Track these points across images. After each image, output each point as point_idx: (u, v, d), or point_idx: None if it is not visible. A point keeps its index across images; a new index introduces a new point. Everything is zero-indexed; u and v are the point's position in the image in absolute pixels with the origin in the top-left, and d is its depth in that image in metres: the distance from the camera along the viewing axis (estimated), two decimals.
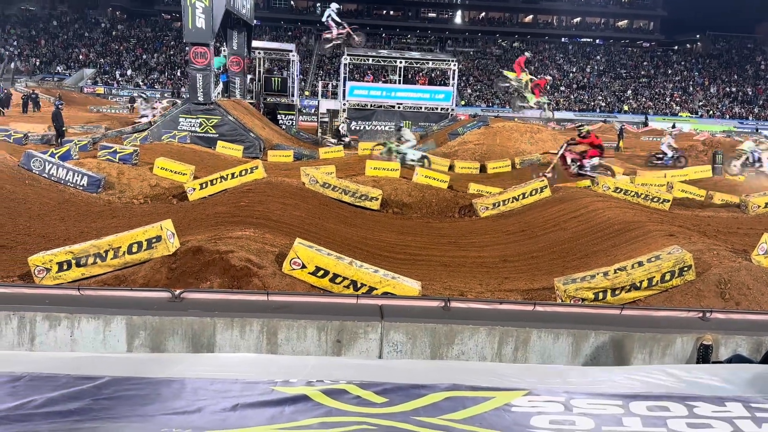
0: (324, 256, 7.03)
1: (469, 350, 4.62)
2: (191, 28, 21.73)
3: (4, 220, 10.35)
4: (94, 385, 2.43)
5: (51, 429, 1.98)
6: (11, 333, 4.49)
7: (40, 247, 8.11)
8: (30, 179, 12.92)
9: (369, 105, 30.06)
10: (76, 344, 4.45)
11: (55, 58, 56.58)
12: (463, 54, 61.81)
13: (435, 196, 14.62)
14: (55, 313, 4.50)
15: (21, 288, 5.27)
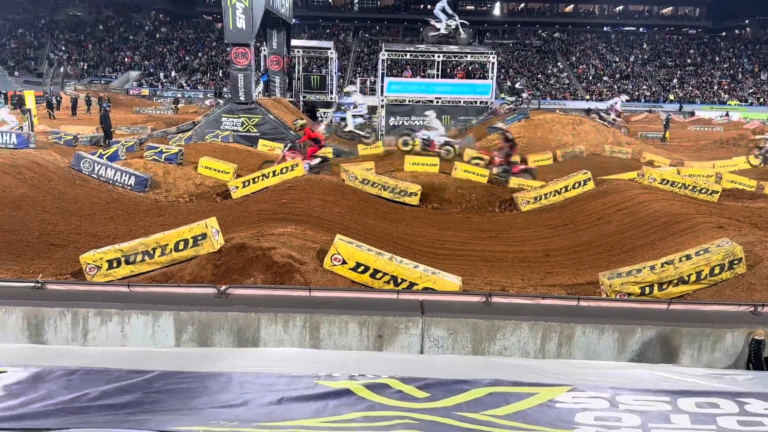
0: (364, 252, 7.07)
1: (511, 346, 4.59)
2: (232, 29, 22.08)
3: (56, 220, 10.75)
4: (145, 378, 2.52)
5: (105, 421, 2.05)
6: (66, 328, 4.67)
7: (91, 245, 8.39)
8: (80, 180, 13.38)
9: (407, 100, 29.97)
10: (126, 339, 4.61)
11: (101, 61, 58.33)
12: (502, 46, 60.99)
13: (475, 191, 14.51)
14: (107, 309, 4.66)
15: (74, 285, 5.47)
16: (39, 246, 9.25)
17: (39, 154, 13.87)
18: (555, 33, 66.72)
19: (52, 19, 62.37)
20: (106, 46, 60.70)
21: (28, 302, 4.74)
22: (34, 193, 11.78)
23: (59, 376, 2.55)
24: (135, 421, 2.03)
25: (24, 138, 14.63)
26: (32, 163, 13.02)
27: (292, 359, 3.15)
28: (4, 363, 2.70)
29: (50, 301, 4.75)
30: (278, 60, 29.37)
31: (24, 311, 4.69)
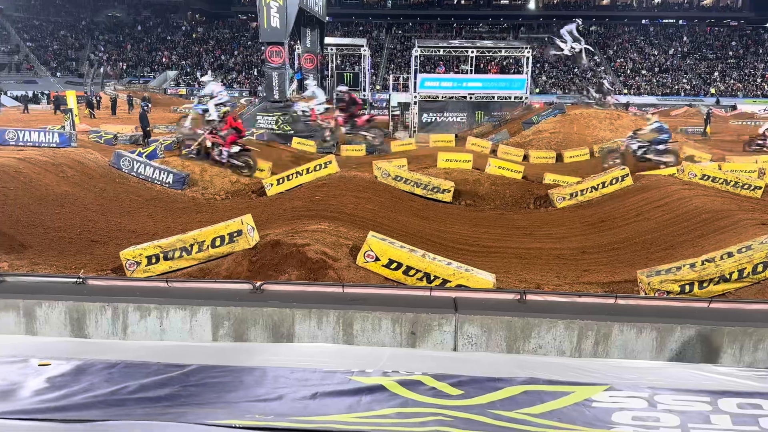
0: (397, 249, 7.06)
1: (546, 344, 4.53)
2: (266, 28, 22.32)
3: (97, 217, 11.05)
4: (183, 372, 2.57)
5: (143, 413, 2.10)
6: (106, 323, 4.79)
7: (131, 242, 8.60)
8: (120, 178, 13.71)
9: (440, 96, 29.85)
10: (165, 333, 4.70)
11: (140, 61, 59.64)
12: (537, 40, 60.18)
13: (509, 187, 14.37)
14: (146, 304, 4.76)
15: (114, 280, 5.61)
16: (81, 242, 9.52)
17: (80, 153, 14.27)
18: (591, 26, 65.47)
19: (92, 21, 64.03)
20: (145, 47, 62.03)
21: (71, 297, 4.88)
22: (75, 191, 12.12)
23: (100, 369, 2.63)
24: (172, 414, 2.07)
25: (66, 137, 15.06)
26: (74, 162, 13.40)
27: (326, 355, 3.17)
28: (47, 356, 2.79)
29: (91, 296, 4.88)
30: (312, 58, 29.59)
31: (66, 306, 4.83)
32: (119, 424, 2.00)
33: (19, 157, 12.41)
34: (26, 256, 8.37)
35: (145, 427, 1.98)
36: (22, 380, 2.47)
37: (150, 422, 2.00)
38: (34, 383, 2.44)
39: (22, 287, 5.09)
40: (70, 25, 62.93)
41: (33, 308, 4.85)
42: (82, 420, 2.03)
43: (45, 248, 8.93)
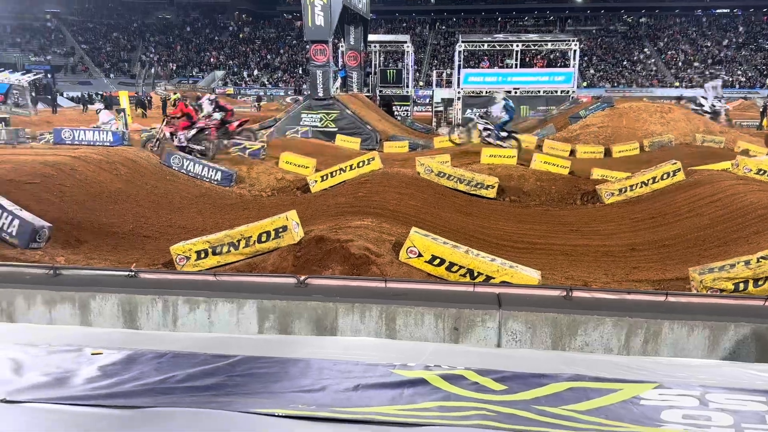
0: (440, 245, 7.04)
1: (593, 342, 4.43)
2: (311, 26, 22.54)
3: (149, 213, 11.39)
4: (229, 363, 2.63)
5: (190, 402, 2.16)
6: (157, 315, 4.94)
7: (181, 237, 8.83)
8: (170, 175, 14.09)
9: (484, 92, 29.55)
10: (213, 326, 4.82)
11: (189, 62, 61.13)
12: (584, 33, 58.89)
13: (555, 183, 14.11)
14: (195, 297, 4.89)
15: (165, 274, 5.77)
16: (133, 238, 9.84)
17: (132, 151, 14.73)
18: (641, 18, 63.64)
19: (143, 23, 65.97)
20: (193, 47, 63.54)
21: (123, 290, 5.05)
22: (128, 188, 12.52)
23: (150, 358, 2.71)
24: (218, 403, 2.12)
25: (119, 136, 15.56)
26: (127, 160, 13.84)
27: (369, 348, 3.19)
28: (100, 346, 2.89)
29: (143, 289, 5.04)
30: (355, 55, 29.73)
31: (119, 298, 5.00)
32: (167, 411, 2.06)
33: (74, 156, 12.89)
34: (82, 250, 8.70)
35: (192, 414, 2.03)
36: (75, 368, 2.57)
37: (197, 410, 2.05)
38: (87, 371, 2.54)
39: (77, 280, 5.29)
40: (122, 27, 65.02)
41: (87, 300, 5.04)
42: (132, 407, 2.10)
43: (99, 243, 9.26)
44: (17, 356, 2.74)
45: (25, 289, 5.15)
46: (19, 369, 2.58)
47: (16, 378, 2.48)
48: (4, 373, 2.53)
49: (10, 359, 2.70)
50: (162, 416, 2.02)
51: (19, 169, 10.98)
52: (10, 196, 8.96)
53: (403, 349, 3.38)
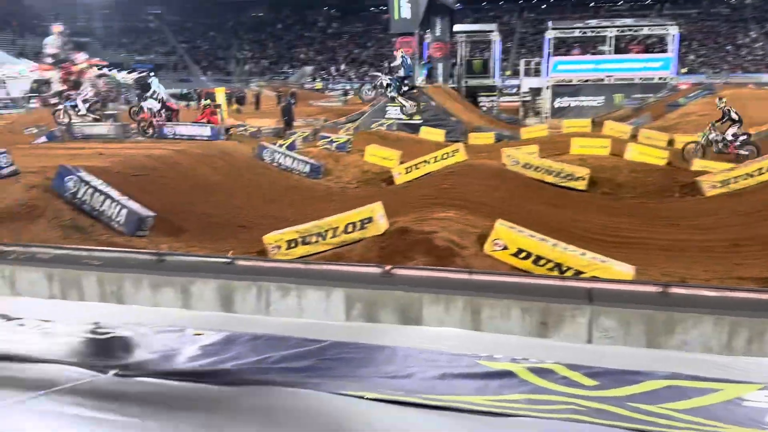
0: (526, 238, 6.90)
1: (692, 341, 4.21)
2: (397, 19, 22.66)
3: (243, 204, 11.91)
4: (319, 347, 2.73)
5: (284, 382, 2.26)
6: (252, 299, 5.18)
7: (273, 227, 9.16)
8: (263, 168, 14.67)
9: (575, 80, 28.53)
10: (303, 312, 4.99)
11: (280, 58, 63.06)
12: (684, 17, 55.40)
13: (651, 174, 13.46)
14: (286, 284, 5.08)
15: (258, 261, 6.03)
16: (230, 227, 10.34)
17: (229, 145, 15.43)
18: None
19: (237, 21, 68.67)
20: (284, 44, 65.47)
21: (221, 276, 5.33)
22: (225, 180, 13.14)
23: (246, 340, 2.85)
24: (310, 384, 2.21)
25: (216, 131, 16.33)
26: (223, 154, 14.53)
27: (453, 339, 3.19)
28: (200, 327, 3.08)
29: (239, 276, 5.30)
30: (441, 47, 29.55)
31: (217, 283, 5.29)
32: (265, 389, 2.17)
33: (176, 149, 13.67)
34: (183, 239, 9.24)
35: (287, 392, 2.13)
36: (179, 347, 2.75)
37: (291, 389, 2.15)
38: (190, 350, 2.71)
39: (179, 266, 5.64)
40: (218, 26, 68.00)
41: (189, 285, 5.37)
42: (232, 383, 2.24)
43: (199, 232, 9.80)
44: (127, 334, 2.97)
45: (133, 274, 5.55)
46: (128, 346, 2.80)
47: (126, 354, 2.69)
48: (116, 349, 2.75)
49: (120, 337, 2.93)
50: (260, 393, 2.14)
51: (127, 162, 11.78)
52: (119, 187, 9.64)
53: (488, 341, 3.36)
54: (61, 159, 11.18)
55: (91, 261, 5.77)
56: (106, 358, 2.58)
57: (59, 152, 13.17)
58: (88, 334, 2.99)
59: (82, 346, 2.76)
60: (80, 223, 8.79)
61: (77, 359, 2.50)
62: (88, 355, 2.60)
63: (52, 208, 8.83)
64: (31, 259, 5.92)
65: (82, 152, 13.02)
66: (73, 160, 11.18)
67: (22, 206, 8.70)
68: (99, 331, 3.06)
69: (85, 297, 5.63)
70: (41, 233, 8.33)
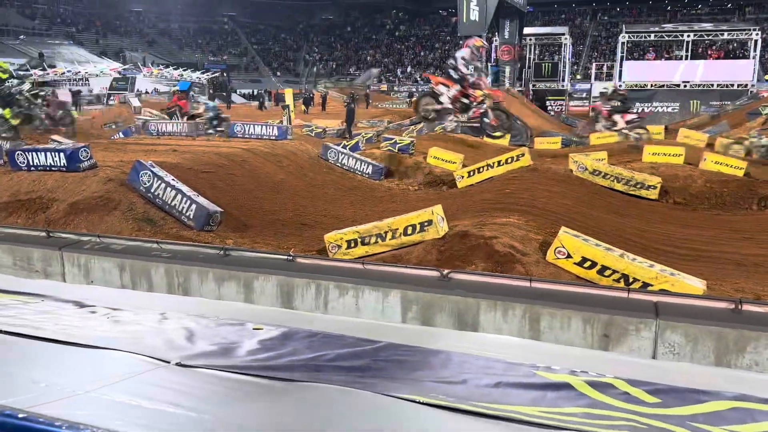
0: (592, 247, 6.70)
1: (764, 361, 3.99)
2: (465, 22, 22.53)
3: (306, 203, 12.13)
4: (374, 347, 2.74)
5: (338, 380, 2.29)
6: (311, 297, 5.27)
7: (334, 226, 9.30)
8: (327, 168, 14.89)
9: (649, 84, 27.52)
10: (360, 312, 5.04)
11: (348, 60, 63.83)
12: None
13: (727, 185, 12.81)
14: (344, 284, 5.14)
15: (318, 260, 6.13)
16: (292, 225, 10.55)
17: (295, 145, 15.76)
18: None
19: (308, 24, 70.03)
20: (352, 46, 66.22)
21: (282, 272, 5.45)
22: (290, 179, 13.43)
23: (303, 337, 2.91)
24: (364, 384, 2.22)
25: (283, 130, 16.71)
26: (289, 153, 14.85)
27: (511, 347, 3.14)
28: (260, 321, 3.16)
29: (299, 273, 5.41)
30: (509, 49, 29.16)
31: (278, 279, 5.41)
32: (318, 387, 2.21)
33: (245, 148, 14.08)
34: (248, 235, 9.50)
35: (340, 391, 2.16)
36: (239, 340, 2.84)
37: (344, 388, 2.18)
38: (249, 344, 2.78)
39: (243, 261, 5.81)
40: (289, 28, 69.54)
41: (251, 280, 5.52)
42: (287, 379, 2.28)
43: (263, 229, 10.05)
44: (190, 326, 3.09)
45: (200, 267, 5.76)
46: (191, 337, 2.91)
47: (188, 345, 2.79)
48: (179, 339, 2.86)
49: (184, 328, 3.04)
50: (313, 390, 2.17)
51: (198, 159, 12.22)
52: (189, 183, 10.02)
53: (546, 352, 3.29)
54: (137, 154, 11.73)
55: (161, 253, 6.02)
56: (169, 348, 2.69)
57: (135, 147, 13.82)
58: (153, 324, 3.12)
59: (147, 335, 2.89)
60: (152, 216, 9.18)
61: (142, 348, 2.61)
62: (152, 344, 2.72)
63: (126, 201, 9.26)
64: (105, 249, 6.23)
65: (156, 148, 13.61)
66: (148, 155, 11.71)
67: (99, 198, 9.17)
68: (164, 321, 3.19)
69: (154, 288, 5.89)
70: (115, 225, 8.76)
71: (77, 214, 8.95)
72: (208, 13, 67.63)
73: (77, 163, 9.97)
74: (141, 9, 64.43)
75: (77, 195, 9.31)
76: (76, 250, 6.28)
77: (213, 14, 68.42)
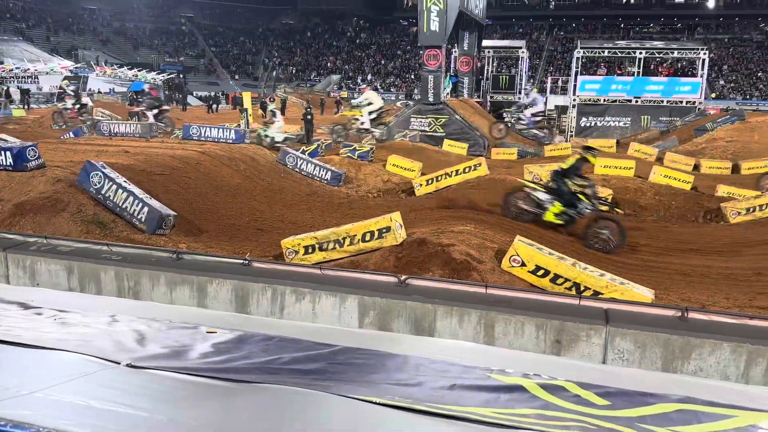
0: (545, 256, 6.84)
1: (708, 367, 4.14)
2: (426, 32, 22.69)
3: (263, 208, 11.99)
4: (330, 351, 2.73)
5: (293, 382, 2.27)
6: (266, 302, 5.20)
7: (291, 232, 9.22)
8: (285, 173, 14.76)
9: (602, 99, 28.34)
10: (316, 317, 5.00)
11: (308, 66, 63.63)
12: (715, 41, 54.87)
13: (675, 198, 13.28)
14: (301, 289, 5.10)
15: (275, 265, 6.06)
16: (248, 230, 10.40)
17: (252, 149, 15.57)
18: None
19: (268, 28, 69.52)
20: (312, 52, 66.05)
21: (237, 277, 5.37)
22: (246, 183, 13.25)
23: (258, 340, 2.87)
24: (319, 386, 2.21)
25: (240, 134, 16.50)
26: (246, 157, 14.66)
27: (466, 352, 3.17)
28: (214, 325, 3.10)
29: (255, 278, 5.33)
30: (468, 61, 29.56)
31: (233, 284, 5.33)
32: (273, 388, 2.18)
33: (200, 150, 13.83)
34: (202, 239, 9.33)
35: (294, 393, 2.13)
36: (192, 343, 2.78)
37: (300, 389, 2.16)
38: (202, 347, 2.73)
39: (197, 265, 5.69)
40: (248, 31, 68.89)
41: (205, 285, 5.41)
42: (241, 381, 2.25)
43: (218, 233, 9.88)
44: (141, 328, 3.01)
45: (151, 270, 5.62)
46: (142, 340, 2.83)
47: (139, 347, 2.72)
48: (130, 342, 2.78)
49: (134, 331, 2.97)
50: (268, 392, 2.15)
51: (151, 161, 11.94)
52: (142, 185, 9.78)
53: (501, 356, 3.33)
54: (88, 155, 11.39)
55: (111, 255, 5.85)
56: (119, 350, 2.61)
57: (86, 148, 13.41)
58: (103, 326, 3.03)
59: (96, 337, 2.80)
60: (102, 219, 8.91)
61: (91, 350, 2.53)
62: (101, 346, 2.64)
63: (75, 202, 8.97)
64: (52, 251, 6.02)
65: (108, 149, 13.24)
66: (99, 156, 11.37)
67: (47, 199, 8.86)
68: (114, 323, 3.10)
69: (103, 291, 5.71)
70: (63, 226, 8.47)
71: (23, 215, 8.62)
72: (165, 14, 66.44)
73: (24, 163, 9.62)
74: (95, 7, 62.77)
75: (23, 195, 8.98)
76: (22, 252, 6.05)
77: (170, 15, 67.26)
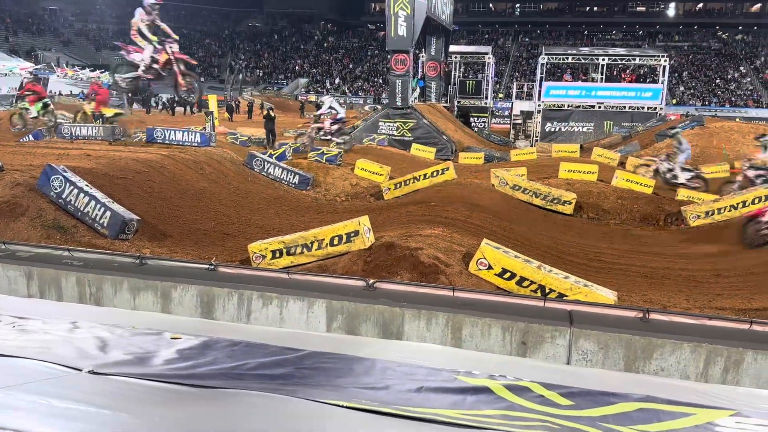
0: (511, 259, 6.93)
1: (669, 367, 4.24)
2: (393, 37, 22.81)
3: (230, 212, 11.85)
4: (297, 355, 2.72)
5: (260, 388, 2.25)
6: (233, 308, 5.14)
7: (258, 236, 9.13)
8: (251, 177, 14.62)
9: (566, 105, 28.88)
10: (284, 322, 4.96)
11: (275, 69, 63.23)
12: (675, 49, 56.50)
13: (637, 202, 13.60)
14: (268, 293, 5.06)
15: (242, 270, 6.00)
16: (214, 234, 10.26)
17: (218, 153, 15.38)
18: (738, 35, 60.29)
19: (234, 30, 68.89)
20: (280, 55, 65.68)
21: (203, 282, 5.29)
22: (212, 187, 13.08)
23: (224, 346, 2.84)
24: (286, 391, 2.19)
25: (206, 137, 16.28)
26: (212, 160, 14.47)
27: (433, 355, 3.19)
28: (179, 331, 3.05)
29: (221, 283, 5.27)
30: (435, 66, 29.81)
31: (198, 289, 5.25)
32: (238, 393, 2.16)
33: (164, 154, 13.61)
34: (166, 244, 9.17)
35: (260, 397, 2.12)
36: (156, 350, 2.73)
37: (266, 394, 2.14)
38: (166, 353, 2.69)
39: (161, 270, 5.60)
40: (214, 34, 68.14)
41: (169, 290, 5.32)
42: (206, 386, 2.22)
43: (183, 238, 9.73)
44: (103, 335, 2.95)
45: (113, 276, 5.50)
46: (104, 346, 2.77)
47: (101, 354, 2.66)
48: (92, 348, 2.72)
49: (96, 337, 2.90)
50: (233, 397, 2.12)
51: (113, 164, 11.70)
52: (104, 189, 9.57)
53: (468, 358, 3.37)
54: (48, 158, 11.09)
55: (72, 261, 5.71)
56: (81, 356, 2.55)
57: (46, 151, 13.07)
58: (64, 333, 2.95)
59: (56, 344, 2.73)
60: (63, 224, 8.69)
61: (52, 357, 2.46)
62: (62, 353, 2.57)
63: (35, 206, 8.73)
64: (11, 257, 5.85)
65: (69, 152, 12.92)
66: (60, 159, 11.09)
67: (5, 204, 8.60)
68: (75, 330, 3.03)
69: (64, 297, 5.57)
70: (22, 232, 8.23)
71: None
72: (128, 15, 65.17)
73: None
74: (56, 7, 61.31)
75: None
76: None
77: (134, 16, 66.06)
